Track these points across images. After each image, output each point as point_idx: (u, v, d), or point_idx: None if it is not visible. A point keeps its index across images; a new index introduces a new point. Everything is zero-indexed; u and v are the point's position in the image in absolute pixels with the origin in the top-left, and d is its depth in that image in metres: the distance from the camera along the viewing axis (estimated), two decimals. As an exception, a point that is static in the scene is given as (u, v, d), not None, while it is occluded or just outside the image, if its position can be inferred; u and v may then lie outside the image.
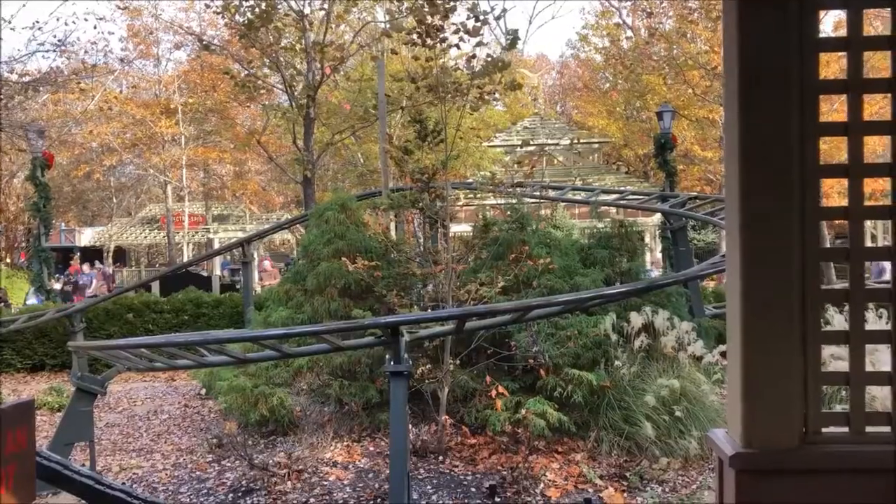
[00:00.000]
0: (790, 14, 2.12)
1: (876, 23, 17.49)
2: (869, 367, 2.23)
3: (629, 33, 29.00)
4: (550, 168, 25.53)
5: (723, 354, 9.82)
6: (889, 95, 2.16)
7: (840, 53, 2.20)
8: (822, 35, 2.16)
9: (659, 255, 22.36)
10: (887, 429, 2.20)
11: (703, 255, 25.52)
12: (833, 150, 16.15)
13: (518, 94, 28.41)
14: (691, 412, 8.61)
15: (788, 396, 2.18)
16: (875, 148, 14.16)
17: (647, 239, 23.52)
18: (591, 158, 27.91)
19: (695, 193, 19.33)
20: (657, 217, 21.07)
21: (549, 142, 25.49)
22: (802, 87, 2.15)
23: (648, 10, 24.94)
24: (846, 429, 2.21)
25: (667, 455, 8.25)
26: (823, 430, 2.21)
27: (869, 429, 2.20)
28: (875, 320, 7.43)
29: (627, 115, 31.89)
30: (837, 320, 7.64)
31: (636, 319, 8.87)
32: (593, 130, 31.25)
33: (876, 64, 12.65)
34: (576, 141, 25.18)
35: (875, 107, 13.87)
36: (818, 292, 2.19)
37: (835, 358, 4.95)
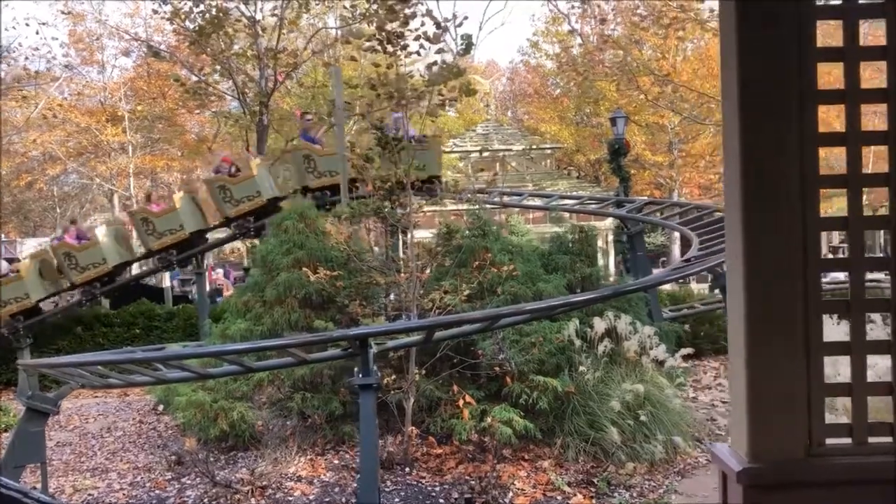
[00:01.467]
0: (789, 25, 2.11)
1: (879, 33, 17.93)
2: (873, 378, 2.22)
3: (580, 40, 29.33)
4: (504, 174, 25.61)
5: (684, 358, 9.96)
6: (886, 105, 2.16)
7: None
8: (819, 45, 2.15)
9: (612, 260, 22.62)
10: (889, 439, 2.19)
11: (654, 259, 25.87)
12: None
13: (470, 101, 28.44)
14: (656, 416, 8.67)
15: (793, 409, 2.16)
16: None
17: (601, 243, 23.72)
18: (543, 164, 28.09)
19: (651, 198, 19.60)
20: (610, 221, 21.30)
21: (503, 148, 25.58)
22: (801, 97, 2.14)
23: (602, 17, 25.24)
24: (850, 440, 2.20)
25: (633, 460, 8.29)
26: (827, 441, 2.19)
27: (871, 439, 2.19)
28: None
29: (578, 120, 32.23)
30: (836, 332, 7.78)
31: (599, 325, 8.90)
32: (545, 136, 31.48)
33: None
34: (529, 147, 25.30)
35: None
36: (819, 303, 2.18)
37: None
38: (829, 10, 2.24)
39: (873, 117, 13.33)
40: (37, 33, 61.78)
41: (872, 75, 3.08)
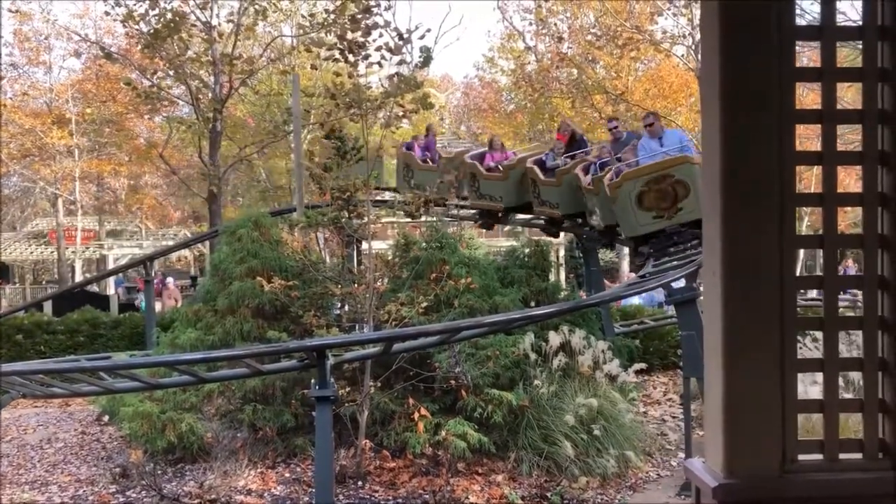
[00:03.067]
0: (771, 44, 2.14)
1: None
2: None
3: (535, 57, 29.63)
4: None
5: (637, 373, 10.05)
6: (860, 127, 2.20)
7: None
8: (798, 66, 2.18)
9: (562, 275, 22.79)
10: (859, 456, 2.22)
11: (604, 273, 26.13)
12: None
13: (426, 113, 28.52)
14: (609, 431, 8.74)
15: (768, 425, 2.17)
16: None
17: (553, 257, 23.91)
18: (497, 178, 28.23)
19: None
20: (563, 237, 21.48)
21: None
22: (781, 116, 2.16)
23: (558, 35, 25.54)
24: (821, 456, 2.22)
25: (586, 474, 8.34)
26: (800, 457, 2.21)
27: (843, 456, 2.21)
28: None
29: (532, 136, 32.51)
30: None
31: (554, 339, 8.95)
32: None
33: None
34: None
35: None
36: (794, 320, 2.20)
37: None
38: (807, 31, 2.28)
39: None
40: (-20, 31, 60.14)
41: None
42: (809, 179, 19.63)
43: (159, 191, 39.72)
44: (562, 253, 23.17)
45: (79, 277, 35.37)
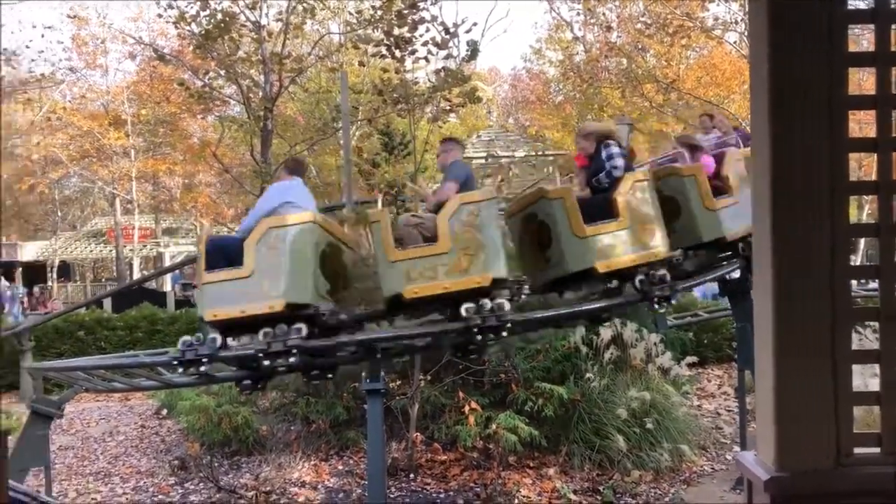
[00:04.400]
0: (821, 29, 2.09)
1: None
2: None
3: (583, 47, 29.35)
4: (507, 180, 25.60)
5: (690, 366, 9.91)
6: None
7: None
8: (851, 51, 2.13)
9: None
10: (919, 449, 2.16)
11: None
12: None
13: (473, 107, 28.49)
14: (661, 424, 8.65)
15: (821, 418, 2.13)
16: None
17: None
18: (546, 170, 28.08)
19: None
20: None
21: (506, 154, 25.55)
22: (831, 103, 2.11)
23: (606, 24, 25.24)
24: (878, 450, 2.17)
25: (638, 468, 8.27)
26: (855, 451, 2.16)
27: (901, 449, 2.16)
28: None
29: (581, 127, 32.20)
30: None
31: (605, 332, 8.88)
32: (548, 143, 31.49)
33: None
34: (533, 153, 25.28)
35: None
36: (848, 310, 2.15)
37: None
38: (859, 15, 2.22)
39: None
40: (42, 36, 62.01)
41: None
42: (871, 166, 19.03)
43: (213, 189, 40.46)
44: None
45: (136, 275, 36.30)
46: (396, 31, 8.54)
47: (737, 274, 7.89)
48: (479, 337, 5.98)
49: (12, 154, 31.22)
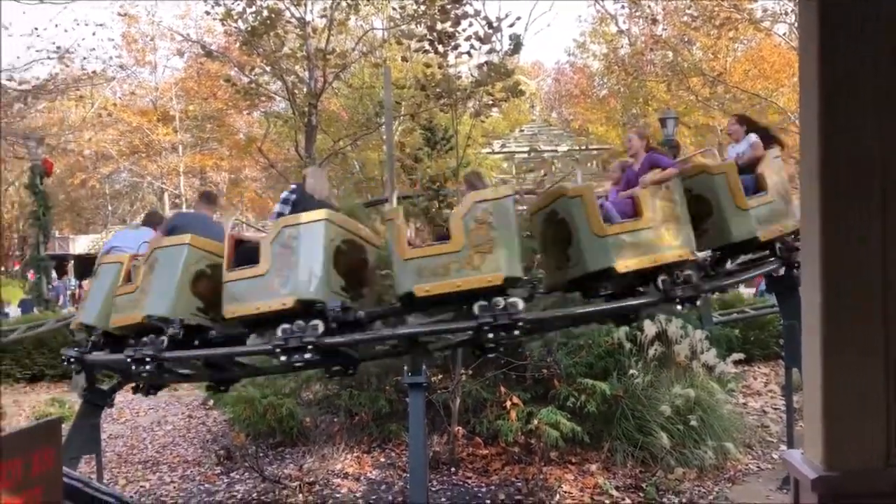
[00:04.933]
0: (871, 28, 2.06)
1: None
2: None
3: (627, 40, 29.06)
4: (550, 175, 25.46)
5: (735, 363, 9.77)
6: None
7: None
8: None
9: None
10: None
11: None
12: None
13: (516, 101, 28.40)
14: (706, 422, 8.54)
15: (871, 417, 2.10)
16: None
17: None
18: (589, 165, 27.87)
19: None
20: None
21: (549, 149, 25.43)
22: (883, 101, 2.08)
23: (652, 17, 24.94)
24: (930, 450, 2.12)
25: (682, 465, 8.18)
26: (906, 451, 2.12)
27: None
28: None
29: (625, 121, 31.91)
30: None
31: (650, 328, 8.79)
32: (591, 137, 31.26)
33: None
34: (576, 147, 25.13)
35: None
36: (899, 307, 2.11)
37: None
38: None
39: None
40: (94, 34, 63.48)
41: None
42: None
43: (258, 184, 41.03)
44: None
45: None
46: (439, 26, 8.55)
47: (783, 271, 7.75)
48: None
49: (65, 150, 31.99)
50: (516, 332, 5.91)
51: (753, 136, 7.56)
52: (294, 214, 6.24)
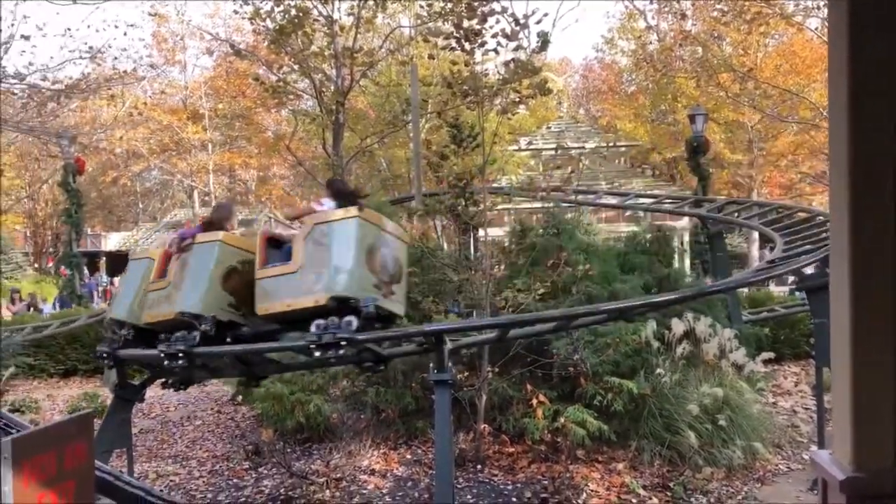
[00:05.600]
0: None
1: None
2: None
3: (656, 36, 28.80)
4: (577, 172, 25.31)
5: (765, 363, 9.66)
6: None
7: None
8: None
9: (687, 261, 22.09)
10: None
11: (732, 261, 25.17)
12: None
13: (543, 98, 28.25)
14: (734, 421, 8.47)
15: (901, 418, 2.07)
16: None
17: (677, 243, 23.22)
18: (617, 162, 27.67)
19: (731, 198, 19.11)
20: (687, 221, 20.85)
21: (576, 146, 25.29)
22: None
23: (682, 13, 24.69)
24: (962, 452, 2.09)
25: (710, 465, 8.11)
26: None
27: None
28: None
29: (653, 118, 31.64)
30: None
31: (678, 326, 8.72)
32: (619, 134, 31.04)
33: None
34: (604, 144, 24.95)
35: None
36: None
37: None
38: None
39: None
40: (125, 34, 64.32)
41: None
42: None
43: (287, 181, 41.33)
44: (686, 238, 22.45)
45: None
46: (466, 24, 8.54)
47: (811, 269, 7.64)
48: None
49: (97, 148, 32.46)
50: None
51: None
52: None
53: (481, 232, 9.95)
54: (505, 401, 8.84)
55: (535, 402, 8.24)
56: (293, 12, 15.04)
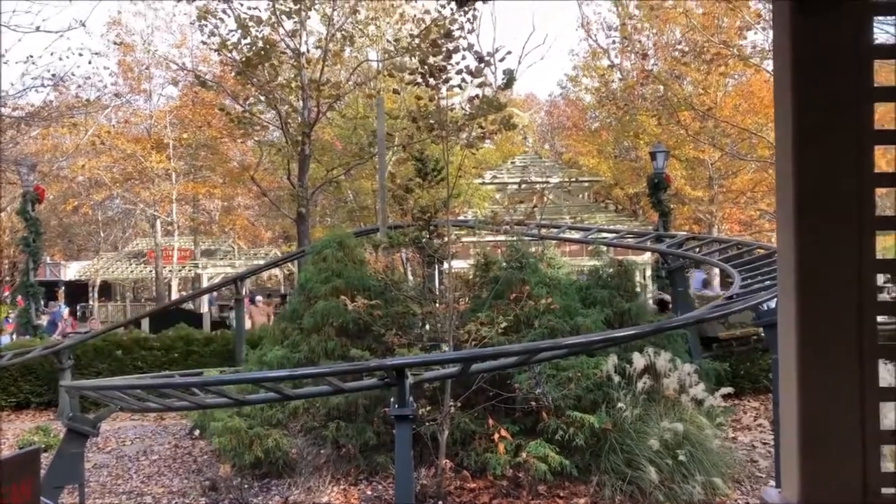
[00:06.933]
0: (847, 63, 2.09)
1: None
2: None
3: (619, 74, 29.37)
4: (541, 206, 25.56)
5: (726, 398, 9.75)
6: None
7: None
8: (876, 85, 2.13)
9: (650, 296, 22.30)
10: (949, 490, 2.11)
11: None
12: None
13: (508, 133, 28.58)
14: (694, 456, 8.50)
15: (847, 454, 2.10)
16: None
17: (639, 278, 23.46)
18: (581, 196, 28.02)
19: (692, 234, 19.42)
20: (648, 256, 21.11)
21: (541, 180, 25.58)
22: (859, 137, 2.11)
23: (643, 52, 25.26)
24: (905, 490, 2.12)
25: (670, 500, 8.12)
26: (884, 491, 2.12)
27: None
28: None
29: (616, 154, 32.17)
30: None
31: (639, 361, 8.78)
32: (583, 169, 31.48)
33: None
34: (568, 179, 25.28)
35: None
36: (874, 345, 2.12)
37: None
38: (884, 50, 2.22)
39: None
40: (89, 63, 63.74)
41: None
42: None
43: (251, 212, 41.09)
44: (648, 272, 22.71)
45: (175, 295, 36.85)
46: (431, 60, 8.64)
47: (773, 304, 7.77)
48: None
49: (58, 176, 32.00)
50: None
51: None
52: None
53: (446, 265, 9.97)
54: (467, 435, 8.80)
55: (497, 436, 8.21)
56: (260, 44, 15.09)
